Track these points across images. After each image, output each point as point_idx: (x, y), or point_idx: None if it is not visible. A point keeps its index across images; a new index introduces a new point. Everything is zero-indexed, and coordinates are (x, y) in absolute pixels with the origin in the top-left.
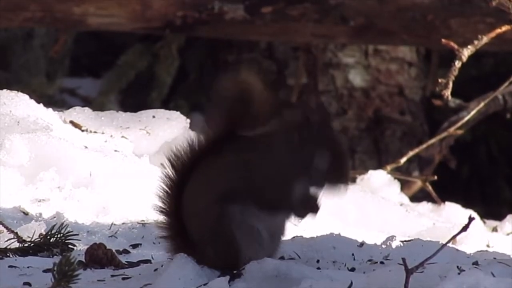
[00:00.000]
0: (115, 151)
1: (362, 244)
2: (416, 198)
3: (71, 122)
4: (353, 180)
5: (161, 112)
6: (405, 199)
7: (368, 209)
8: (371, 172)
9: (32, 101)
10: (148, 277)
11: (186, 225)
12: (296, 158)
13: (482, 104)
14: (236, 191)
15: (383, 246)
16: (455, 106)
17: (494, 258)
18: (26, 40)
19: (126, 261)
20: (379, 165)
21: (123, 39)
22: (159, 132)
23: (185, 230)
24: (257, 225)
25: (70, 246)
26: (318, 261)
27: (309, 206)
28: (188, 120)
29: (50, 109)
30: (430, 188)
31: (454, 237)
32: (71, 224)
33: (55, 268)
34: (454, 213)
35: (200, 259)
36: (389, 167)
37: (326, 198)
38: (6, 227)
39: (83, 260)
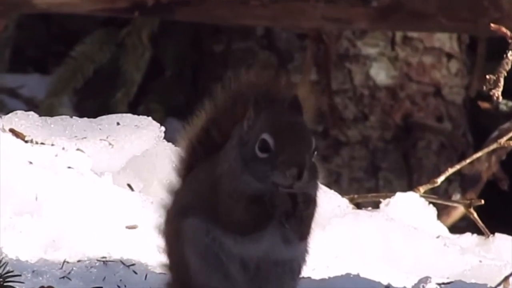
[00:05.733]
0: (69, 168)
1: (387, 287)
2: (457, 228)
3: (12, 130)
4: (376, 206)
5: (128, 118)
6: (443, 229)
7: (395, 242)
8: (399, 195)
9: None
10: None
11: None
12: (243, 152)
13: None
14: (195, 208)
15: None
16: (508, 109)
17: None
18: None
19: None
20: (410, 186)
21: (78, 24)
22: (125, 144)
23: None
24: (221, 254)
25: None
26: None
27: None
28: (163, 128)
29: None
30: (475, 215)
31: (506, 278)
32: (11, 261)
33: None
34: (506, 247)
35: None
36: (422, 189)
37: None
38: None
39: None
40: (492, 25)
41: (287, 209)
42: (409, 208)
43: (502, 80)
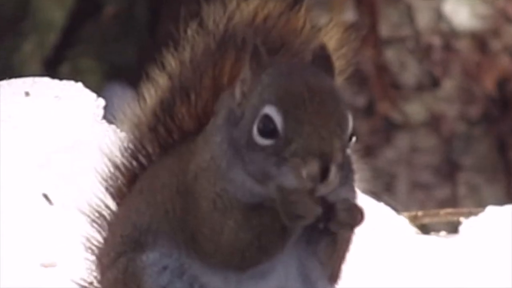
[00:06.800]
0: None
1: None
2: None
3: None
4: (454, 229)
5: (44, 85)
6: None
7: (486, 284)
8: (491, 210)
9: None
10: None
11: None
12: (234, 136)
13: None
14: (156, 233)
15: None
16: None
17: None
18: None
19: None
20: (509, 196)
21: None
22: (40, 128)
23: None
24: None
25: None
26: None
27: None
28: (101, 101)
29: None
30: None
31: None
32: None
33: None
34: None
35: None
36: None
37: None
38: None
39: None
40: None
41: (316, 223)
42: (508, 232)
43: None
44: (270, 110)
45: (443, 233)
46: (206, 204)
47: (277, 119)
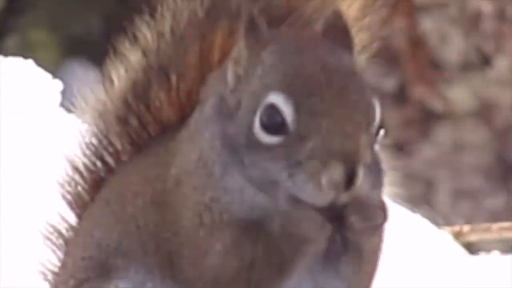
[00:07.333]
0: None
1: None
2: None
3: None
4: (510, 248)
5: None
6: None
7: None
8: None
9: None
10: None
11: None
12: (228, 132)
13: None
14: (128, 255)
15: None
16: None
17: None
18: None
19: None
20: None
21: None
22: None
23: None
24: None
25: None
26: None
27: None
28: (58, 83)
29: None
30: None
31: None
32: None
33: None
34: None
35: None
36: None
37: None
38: None
39: None
40: None
41: (331, 237)
42: None
43: None
44: (276, 99)
45: (495, 252)
46: (190, 218)
47: (286, 110)
